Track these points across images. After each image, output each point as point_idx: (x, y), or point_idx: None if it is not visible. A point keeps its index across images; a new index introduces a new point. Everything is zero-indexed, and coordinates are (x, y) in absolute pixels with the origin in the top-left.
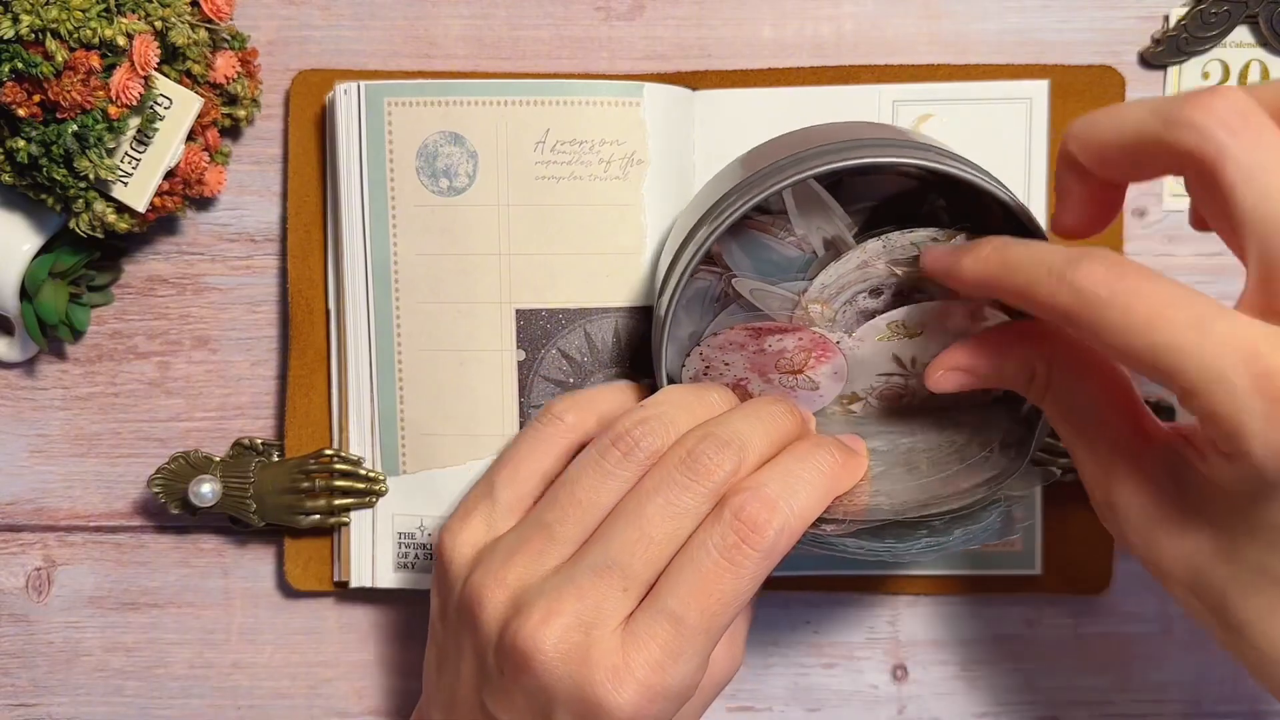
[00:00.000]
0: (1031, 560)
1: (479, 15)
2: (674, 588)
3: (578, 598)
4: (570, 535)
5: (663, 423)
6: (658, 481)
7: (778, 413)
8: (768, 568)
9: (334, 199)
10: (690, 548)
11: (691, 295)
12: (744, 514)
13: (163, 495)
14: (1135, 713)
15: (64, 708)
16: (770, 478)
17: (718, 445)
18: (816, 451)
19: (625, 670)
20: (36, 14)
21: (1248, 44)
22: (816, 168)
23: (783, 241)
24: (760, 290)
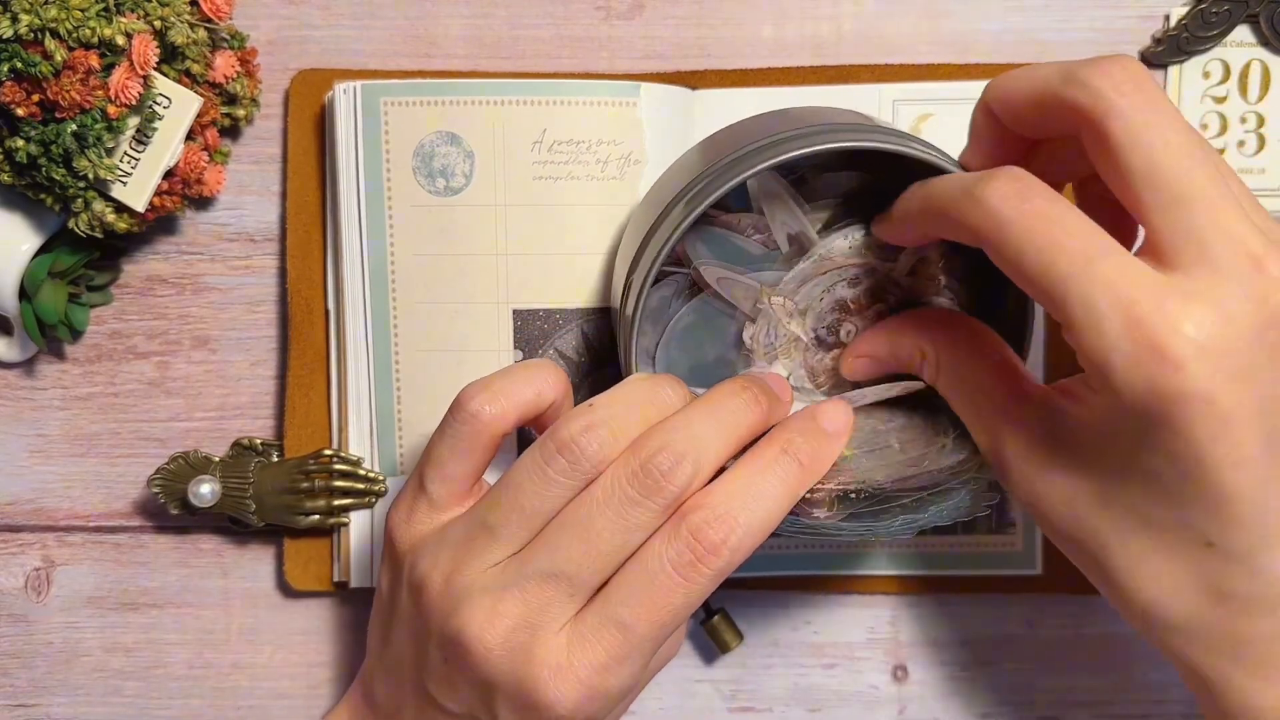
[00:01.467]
0: (1032, 560)
1: (479, 15)
2: (625, 597)
3: (523, 601)
4: (514, 536)
5: (611, 429)
6: (608, 494)
7: (738, 407)
8: (718, 581)
9: (333, 199)
10: (644, 558)
11: (655, 305)
12: (701, 534)
13: (162, 495)
14: (1135, 713)
15: (63, 708)
16: (730, 493)
17: (672, 458)
18: (780, 461)
19: (569, 669)
20: (35, 13)
21: (1248, 43)
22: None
23: (748, 238)
24: (727, 279)
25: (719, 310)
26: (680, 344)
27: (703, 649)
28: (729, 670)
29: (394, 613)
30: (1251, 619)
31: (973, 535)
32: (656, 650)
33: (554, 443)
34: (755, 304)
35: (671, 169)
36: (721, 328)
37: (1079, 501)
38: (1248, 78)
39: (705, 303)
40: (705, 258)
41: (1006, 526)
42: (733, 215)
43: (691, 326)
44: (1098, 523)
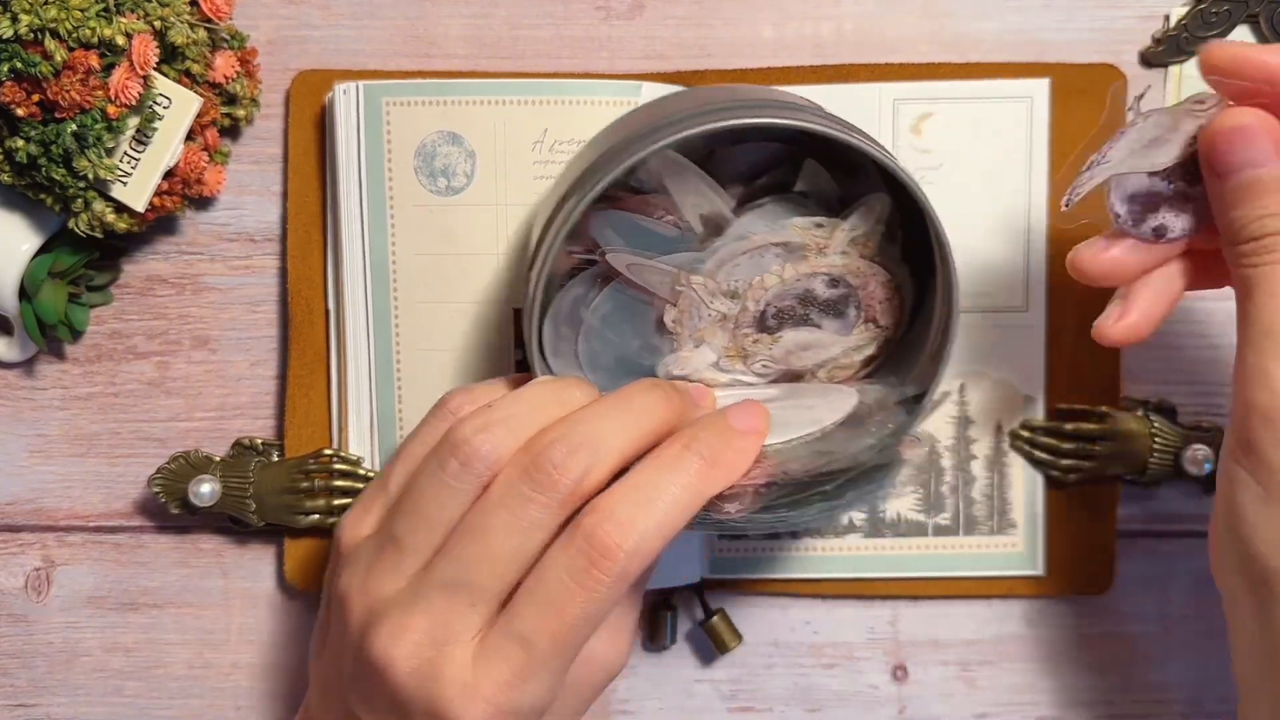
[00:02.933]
0: (1034, 561)
1: (479, 15)
2: (524, 610)
3: (427, 614)
4: (419, 546)
5: (507, 427)
6: (501, 494)
7: (646, 404)
8: (622, 588)
9: (333, 199)
10: (541, 568)
11: (570, 306)
12: (594, 539)
13: (163, 495)
14: (1136, 713)
15: (63, 708)
16: (626, 494)
17: (566, 450)
18: (682, 458)
19: (475, 689)
20: (35, 13)
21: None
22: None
23: (659, 221)
24: (637, 265)
25: (636, 297)
26: (601, 336)
27: (702, 649)
28: (729, 670)
29: (328, 622)
30: None
31: (974, 536)
32: (567, 663)
33: (448, 444)
34: (674, 287)
35: (572, 160)
36: (642, 315)
37: None
38: None
39: (620, 291)
40: (615, 244)
41: (1008, 528)
42: (640, 198)
43: (610, 316)
44: None
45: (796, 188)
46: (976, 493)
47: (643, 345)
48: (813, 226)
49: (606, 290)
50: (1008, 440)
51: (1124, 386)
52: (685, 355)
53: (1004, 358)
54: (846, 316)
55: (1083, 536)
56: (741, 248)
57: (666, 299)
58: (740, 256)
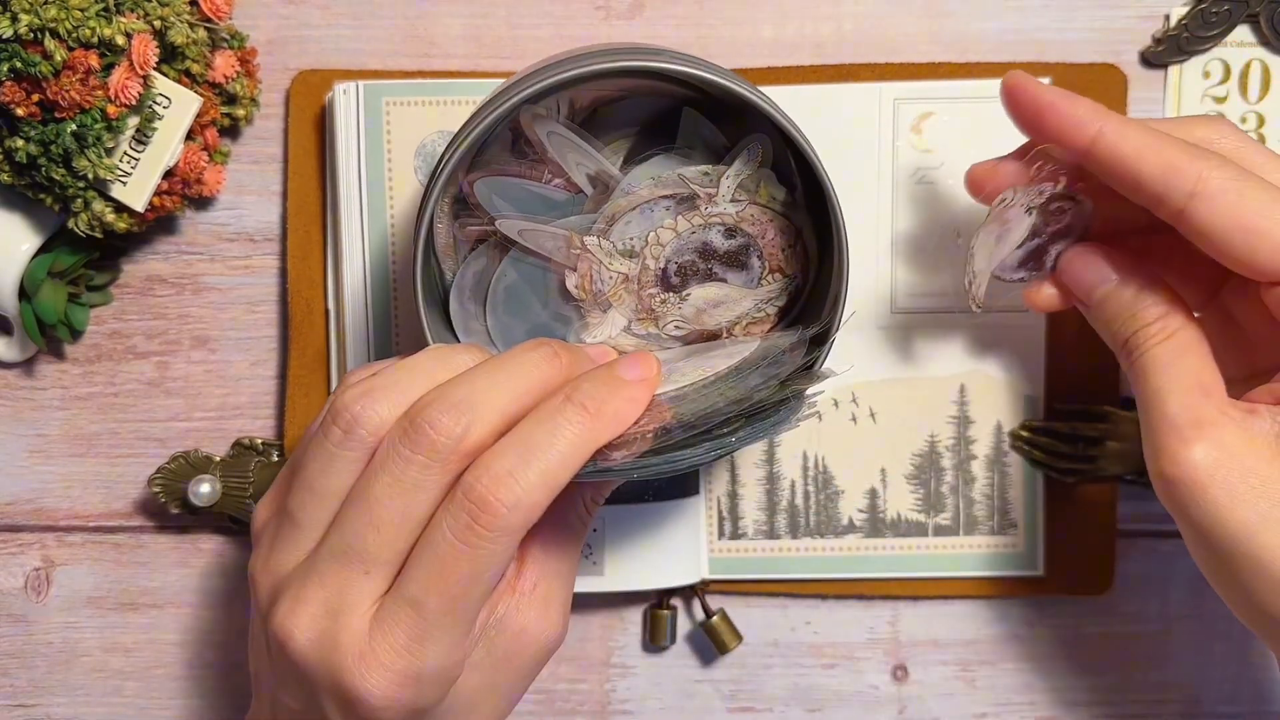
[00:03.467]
0: (1034, 561)
1: (478, 15)
2: (413, 573)
3: (320, 585)
4: (313, 520)
5: (388, 393)
6: (383, 458)
7: (528, 362)
8: (510, 544)
9: (333, 199)
10: (429, 530)
11: (473, 281)
12: (474, 494)
13: (163, 495)
14: (1136, 713)
15: (63, 708)
16: (505, 448)
17: (442, 409)
18: (564, 410)
19: (371, 656)
20: (35, 13)
21: (1248, 43)
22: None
23: (547, 185)
24: (530, 230)
25: (536, 265)
26: (507, 308)
27: (702, 649)
28: (729, 670)
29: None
30: None
31: (974, 536)
32: (465, 625)
33: (330, 413)
34: (569, 250)
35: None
36: (544, 283)
37: None
38: (1248, 78)
39: (519, 259)
40: (506, 211)
41: (1008, 528)
42: (526, 163)
43: (513, 287)
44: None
45: (679, 140)
46: (976, 493)
47: (552, 315)
48: (699, 176)
49: (506, 260)
50: (1008, 440)
51: (1124, 386)
52: (595, 322)
53: (1004, 358)
54: (750, 268)
55: (1083, 536)
56: (630, 203)
57: (565, 264)
58: (630, 213)
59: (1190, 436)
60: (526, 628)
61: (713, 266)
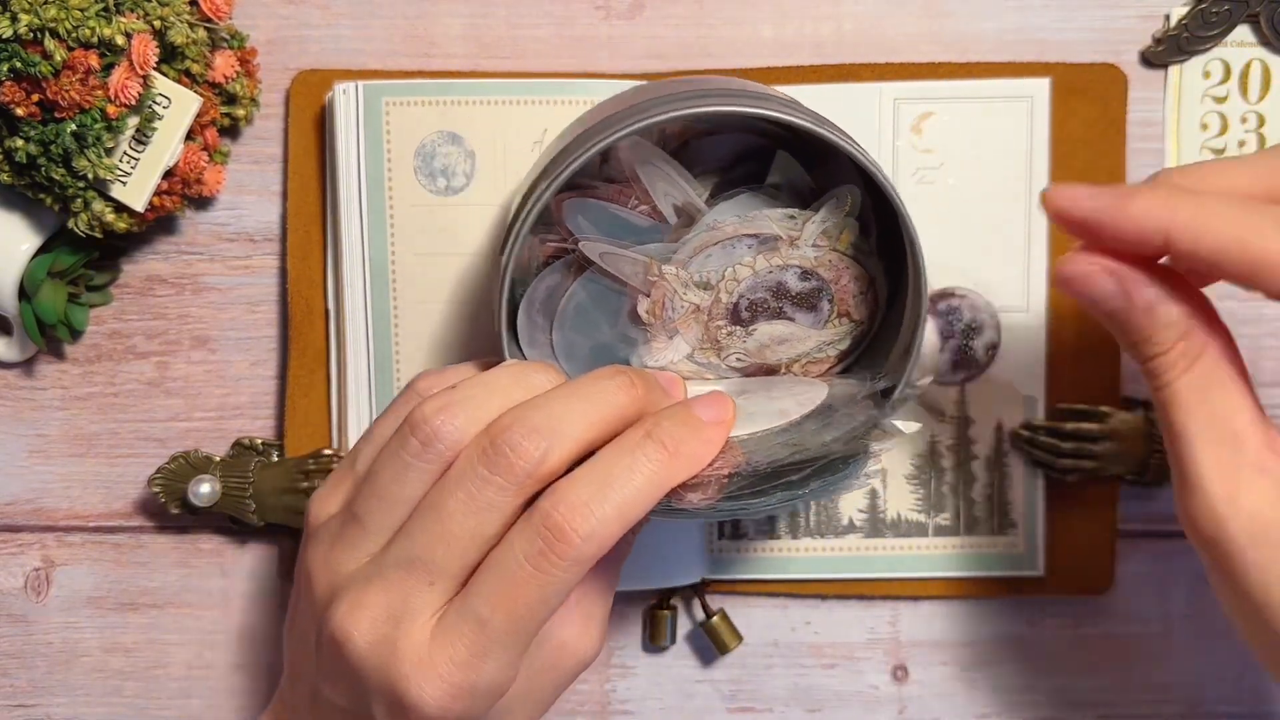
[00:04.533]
0: (1034, 561)
1: (478, 14)
2: (480, 589)
3: (384, 590)
4: (380, 525)
5: (467, 408)
6: (459, 474)
7: (607, 389)
8: (578, 573)
9: (333, 199)
10: (499, 550)
11: (544, 295)
12: (550, 521)
13: (162, 495)
14: (1136, 713)
15: (63, 708)
16: (583, 478)
17: (524, 433)
18: (643, 446)
19: (430, 666)
20: (35, 13)
21: (1249, 43)
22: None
23: (633, 210)
24: (611, 254)
25: (609, 287)
26: (575, 325)
27: (702, 649)
28: (729, 670)
29: (297, 602)
30: None
31: (974, 536)
32: (524, 644)
33: (409, 424)
34: (646, 277)
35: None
36: (615, 305)
37: None
38: (1248, 78)
39: (594, 280)
40: (588, 233)
41: (1008, 528)
42: (615, 187)
43: (583, 305)
44: None
45: (769, 180)
46: (976, 493)
47: (618, 336)
48: (784, 218)
49: (580, 280)
50: (1008, 440)
51: (1124, 386)
52: (659, 347)
53: (1004, 358)
54: (820, 310)
55: (1083, 536)
56: (713, 238)
57: (639, 289)
58: (712, 247)
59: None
60: (567, 642)
61: (784, 306)
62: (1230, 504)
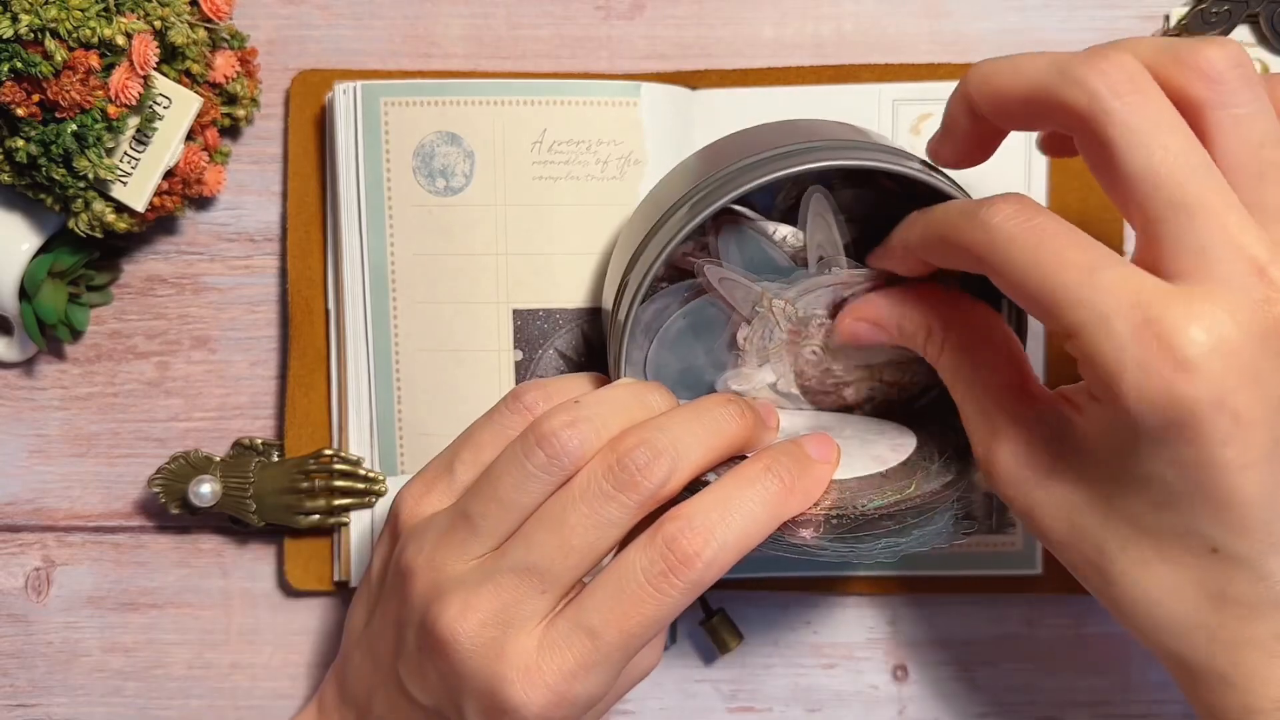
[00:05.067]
0: (1032, 560)
1: (479, 15)
2: (597, 604)
3: (496, 595)
4: (493, 529)
5: (593, 425)
6: (583, 488)
7: (723, 416)
8: (693, 596)
9: (333, 199)
10: (618, 565)
11: (650, 316)
12: (676, 546)
13: (163, 495)
14: (1135, 713)
15: (63, 708)
16: (708, 505)
17: (650, 454)
18: (763, 478)
19: (537, 673)
20: (35, 13)
21: (1248, 43)
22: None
23: (778, 245)
24: (729, 280)
25: (713, 317)
26: (672, 348)
27: (703, 649)
28: (729, 670)
29: (381, 591)
30: (1255, 622)
31: (973, 535)
32: (628, 660)
33: (535, 435)
34: (754, 307)
35: (673, 172)
36: (714, 333)
37: (1078, 510)
38: None
39: (700, 309)
40: (733, 259)
41: (1006, 526)
42: (769, 223)
43: (684, 331)
44: (1098, 532)
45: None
46: None
47: (710, 360)
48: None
49: (687, 307)
50: None
51: None
52: (747, 373)
53: None
54: None
55: None
56: (826, 280)
57: (745, 317)
58: (823, 289)
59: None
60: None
61: None
62: (993, 459)
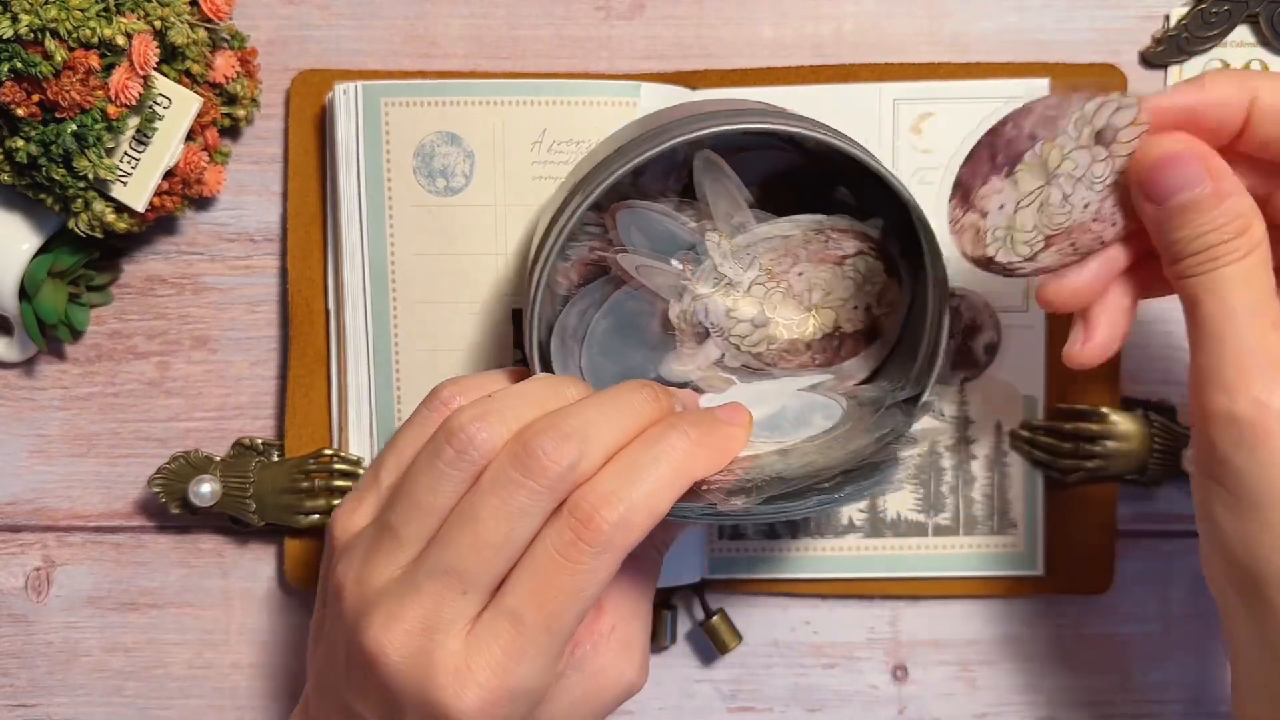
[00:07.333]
0: (1033, 561)
1: (478, 15)
2: (514, 587)
3: (418, 602)
4: (414, 536)
5: (502, 417)
6: (492, 480)
7: (636, 400)
8: (612, 562)
9: (333, 199)
10: (533, 547)
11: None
12: (579, 513)
13: (163, 495)
14: (1135, 713)
15: (63, 708)
16: (611, 471)
17: (556, 438)
18: (667, 435)
19: (468, 673)
20: (36, 13)
21: (1248, 43)
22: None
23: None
24: (647, 266)
25: (635, 310)
26: (604, 351)
27: (702, 649)
28: (729, 670)
29: (323, 614)
30: None
31: (974, 536)
32: (560, 644)
33: (443, 432)
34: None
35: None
36: (642, 325)
37: None
38: None
39: (620, 304)
40: (639, 245)
41: (1008, 528)
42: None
43: (610, 332)
44: None
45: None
46: (976, 493)
47: (645, 359)
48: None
49: (608, 303)
50: (1008, 440)
51: (1124, 386)
52: (688, 353)
53: (1004, 358)
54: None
55: (1083, 536)
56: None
57: (669, 299)
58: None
59: (1272, 376)
60: (605, 668)
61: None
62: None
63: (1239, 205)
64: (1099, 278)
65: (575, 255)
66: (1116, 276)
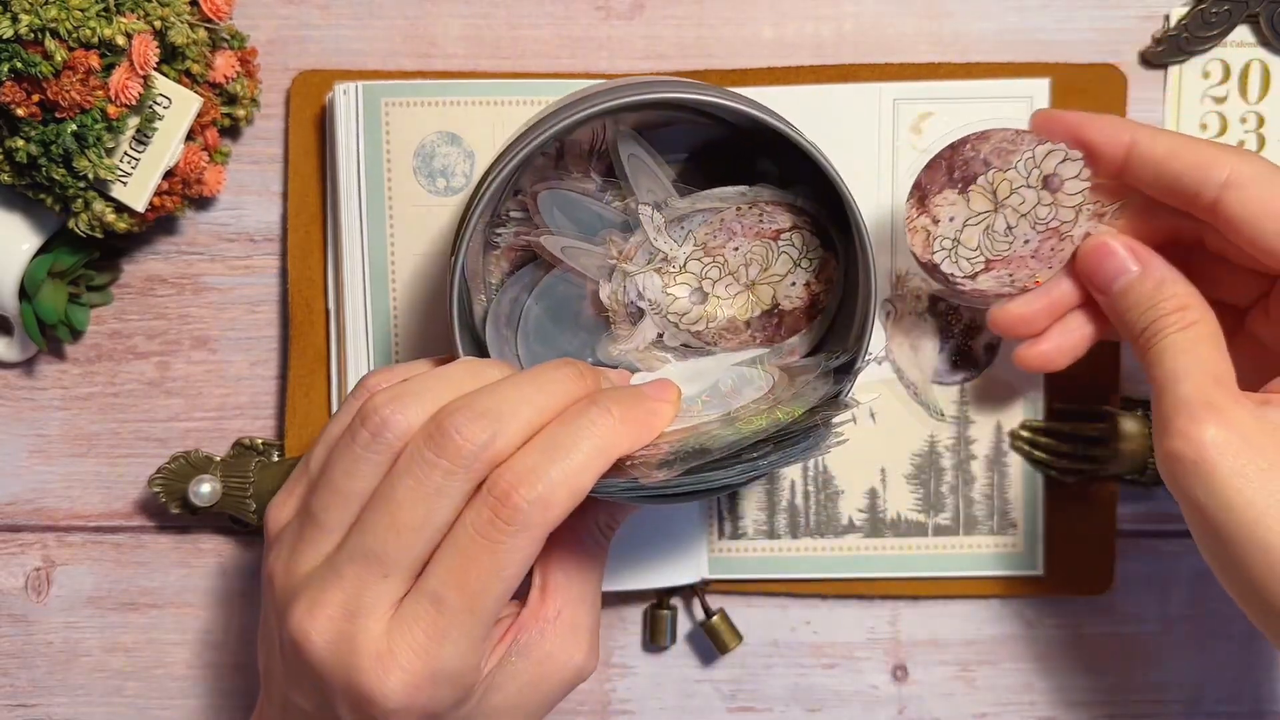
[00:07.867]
0: (1033, 561)
1: (479, 15)
2: (435, 569)
3: (339, 587)
4: (336, 522)
5: (419, 399)
6: (408, 461)
7: (557, 378)
8: (531, 540)
9: (333, 199)
10: (454, 528)
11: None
12: (496, 489)
13: (163, 495)
14: (1135, 713)
15: (63, 708)
16: (531, 449)
17: (469, 417)
18: (588, 412)
19: (390, 656)
20: (35, 13)
21: (1248, 43)
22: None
23: (606, 205)
24: (572, 248)
25: (566, 294)
26: (539, 335)
27: (702, 649)
28: (729, 670)
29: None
30: None
31: (974, 536)
32: (485, 625)
33: (359, 417)
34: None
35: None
36: (576, 310)
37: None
38: (1248, 78)
39: (550, 289)
40: (563, 227)
41: (1008, 528)
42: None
43: (542, 317)
44: None
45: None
46: (976, 493)
47: (583, 343)
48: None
49: (537, 290)
50: (1008, 440)
51: (1124, 386)
52: (623, 334)
53: (1004, 358)
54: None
55: (1083, 536)
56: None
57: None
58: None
59: (1202, 416)
60: (552, 654)
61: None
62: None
63: (1173, 287)
64: (1045, 310)
65: (503, 241)
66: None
